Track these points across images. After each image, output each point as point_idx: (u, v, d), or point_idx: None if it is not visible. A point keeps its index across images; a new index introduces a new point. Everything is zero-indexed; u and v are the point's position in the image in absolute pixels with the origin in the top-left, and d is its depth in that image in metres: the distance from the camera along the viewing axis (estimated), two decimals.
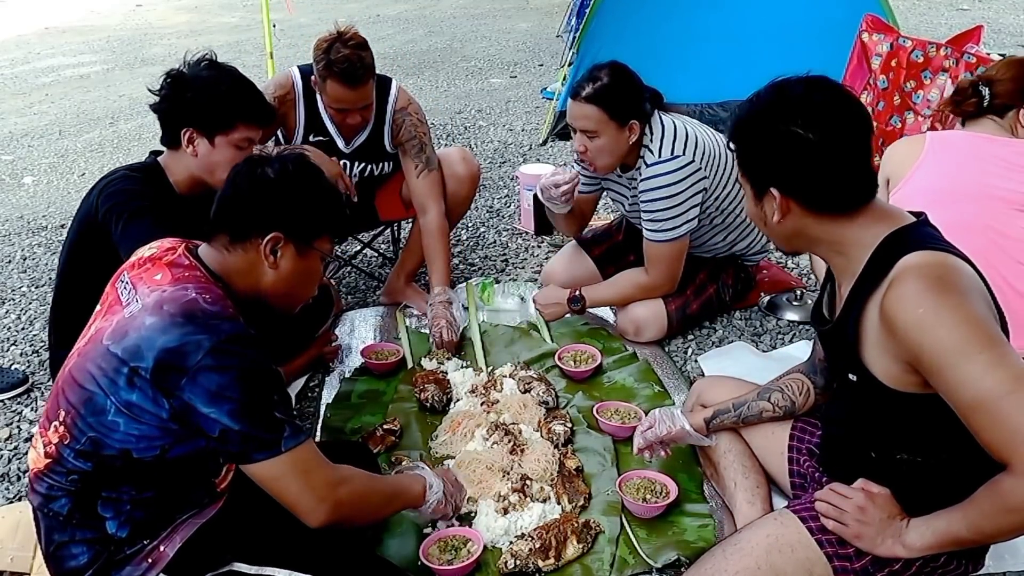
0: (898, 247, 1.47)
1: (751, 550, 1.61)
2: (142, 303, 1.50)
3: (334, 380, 2.72)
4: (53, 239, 4.08)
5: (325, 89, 2.72)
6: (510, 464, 2.16)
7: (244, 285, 1.63)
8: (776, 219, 1.54)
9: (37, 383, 2.82)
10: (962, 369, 1.34)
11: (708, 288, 2.92)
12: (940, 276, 1.40)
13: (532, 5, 11.15)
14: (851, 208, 1.52)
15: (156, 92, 2.21)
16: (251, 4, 11.38)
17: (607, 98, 2.53)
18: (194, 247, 1.65)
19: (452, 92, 6.63)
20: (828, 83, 1.52)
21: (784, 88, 1.52)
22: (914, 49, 3.74)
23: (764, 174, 1.53)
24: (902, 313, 1.40)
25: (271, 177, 1.61)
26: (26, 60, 9.13)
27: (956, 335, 1.35)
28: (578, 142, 2.64)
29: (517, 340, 2.90)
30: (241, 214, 1.61)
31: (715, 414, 1.99)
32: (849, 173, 1.50)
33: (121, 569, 1.53)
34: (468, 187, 3.09)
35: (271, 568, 1.56)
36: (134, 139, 5.93)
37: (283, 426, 1.48)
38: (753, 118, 1.52)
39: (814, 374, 1.91)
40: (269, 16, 5.51)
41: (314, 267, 1.70)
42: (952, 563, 1.58)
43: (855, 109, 1.50)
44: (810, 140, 1.45)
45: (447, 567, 1.84)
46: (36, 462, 1.56)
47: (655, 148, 2.62)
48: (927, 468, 1.56)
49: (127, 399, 1.45)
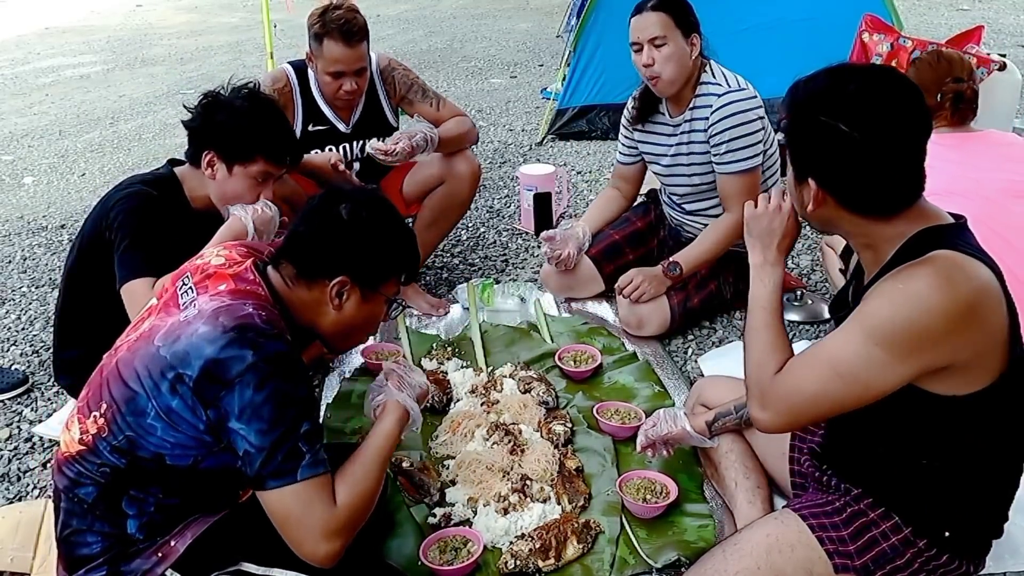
0: (929, 242, 1.44)
1: (751, 550, 1.62)
2: (199, 309, 1.51)
3: (334, 380, 2.72)
4: (53, 239, 4.08)
5: (322, 53, 2.78)
6: (510, 464, 2.16)
7: (304, 317, 1.64)
8: (811, 208, 1.52)
9: (37, 383, 2.81)
10: (847, 328, 1.45)
11: (709, 283, 2.93)
12: (950, 276, 1.39)
13: (532, 5, 11.15)
14: (890, 212, 1.47)
15: (190, 109, 2.21)
16: (251, 4, 11.38)
17: (673, 5, 2.67)
18: (263, 264, 1.65)
19: (452, 92, 6.62)
20: (890, 78, 1.44)
21: (840, 77, 1.45)
22: (914, 49, 3.73)
23: (805, 162, 1.50)
24: (885, 282, 1.42)
25: (344, 219, 1.60)
26: (26, 60, 9.13)
27: (881, 314, 1.40)
28: (645, 56, 2.69)
29: (517, 340, 2.90)
30: (310, 253, 1.61)
31: (717, 416, 1.98)
32: (892, 177, 1.43)
33: (131, 561, 1.55)
34: (468, 187, 3.09)
35: (277, 569, 1.56)
36: (134, 139, 5.93)
37: (302, 456, 1.44)
38: (804, 103, 1.47)
39: None
40: (269, 16, 5.52)
41: (377, 311, 1.69)
42: (954, 562, 1.58)
43: (913, 111, 1.42)
44: (855, 139, 1.39)
45: (447, 567, 1.84)
46: (69, 445, 1.57)
47: (721, 82, 2.73)
48: (933, 471, 1.55)
49: (167, 404, 1.46)
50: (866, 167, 1.42)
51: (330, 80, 2.82)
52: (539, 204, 3.76)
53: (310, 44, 2.81)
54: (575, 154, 4.93)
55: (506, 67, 7.64)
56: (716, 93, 2.71)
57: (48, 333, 3.09)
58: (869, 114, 1.40)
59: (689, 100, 2.77)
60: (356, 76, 2.82)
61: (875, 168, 1.42)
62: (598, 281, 3.11)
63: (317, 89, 2.92)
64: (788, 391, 1.53)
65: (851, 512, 1.61)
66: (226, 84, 2.23)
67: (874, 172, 1.42)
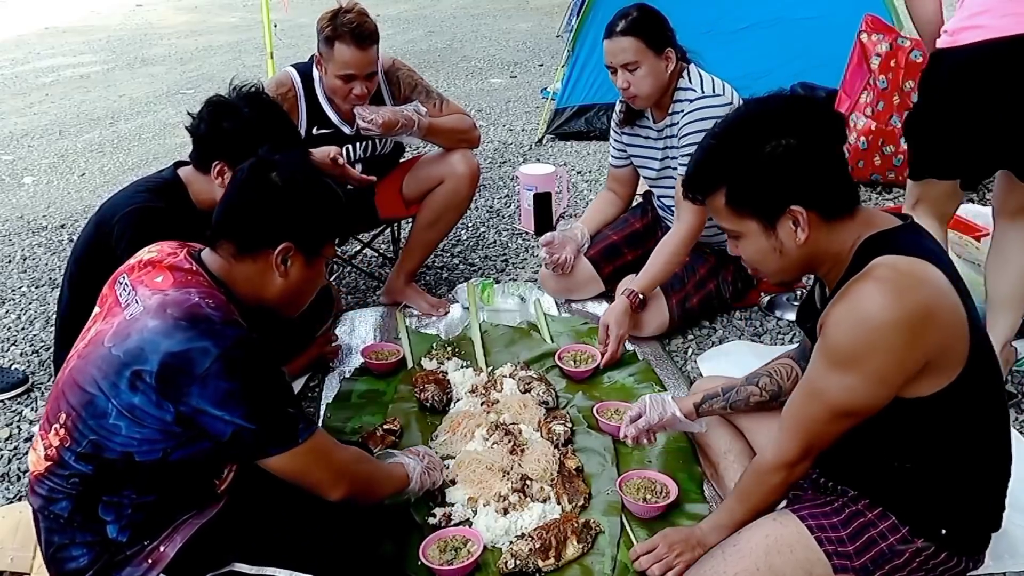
0: (876, 248, 1.49)
1: (750, 551, 1.62)
2: (143, 305, 1.50)
3: (334, 380, 2.72)
4: (53, 239, 4.08)
5: (333, 57, 2.76)
6: (510, 464, 2.16)
7: (249, 292, 1.63)
8: (802, 238, 1.51)
9: (37, 383, 2.82)
10: (817, 363, 1.52)
11: (708, 283, 2.93)
12: (896, 281, 1.43)
13: (532, 5, 11.15)
14: (854, 205, 1.55)
15: (194, 116, 2.20)
16: (251, 4, 11.38)
17: (642, 28, 2.68)
18: (196, 251, 1.65)
19: (452, 92, 6.62)
20: (792, 94, 1.59)
21: (745, 115, 1.56)
22: (913, 49, 3.73)
23: (780, 196, 1.50)
24: (835, 307, 1.47)
25: (279, 186, 1.61)
26: (26, 60, 9.13)
27: (841, 343, 1.46)
28: (620, 80, 2.73)
29: (517, 340, 2.90)
30: (251, 225, 1.61)
31: (704, 399, 2.00)
32: (845, 169, 1.55)
33: (121, 570, 1.53)
34: (468, 187, 3.09)
35: (271, 568, 1.57)
36: (134, 139, 5.94)
37: (296, 420, 1.53)
38: (741, 153, 1.51)
39: (804, 360, 1.91)
40: (269, 16, 5.52)
41: (319, 272, 1.72)
42: (952, 559, 1.59)
43: (825, 108, 1.57)
44: (801, 145, 1.47)
45: (447, 567, 1.85)
46: (36, 464, 1.56)
47: (697, 87, 2.74)
48: (920, 471, 1.57)
49: (129, 402, 1.45)
50: (822, 163, 1.50)
51: (340, 83, 2.80)
52: (539, 204, 3.76)
53: (319, 47, 2.79)
54: (575, 154, 4.94)
55: (506, 67, 7.64)
56: (689, 99, 2.73)
57: (48, 333, 3.09)
58: (793, 119, 1.49)
59: (669, 106, 2.80)
60: (366, 80, 2.81)
61: (827, 161, 1.51)
62: (597, 282, 3.11)
63: (322, 92, 2.91)
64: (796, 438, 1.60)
65: (849, 512, 1.61)
66: (229, 87, 2.22)
67: (829, 165, 1.51)
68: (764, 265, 1.61)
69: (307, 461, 1.56)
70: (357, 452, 1.78)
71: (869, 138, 3.82)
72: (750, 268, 1.70)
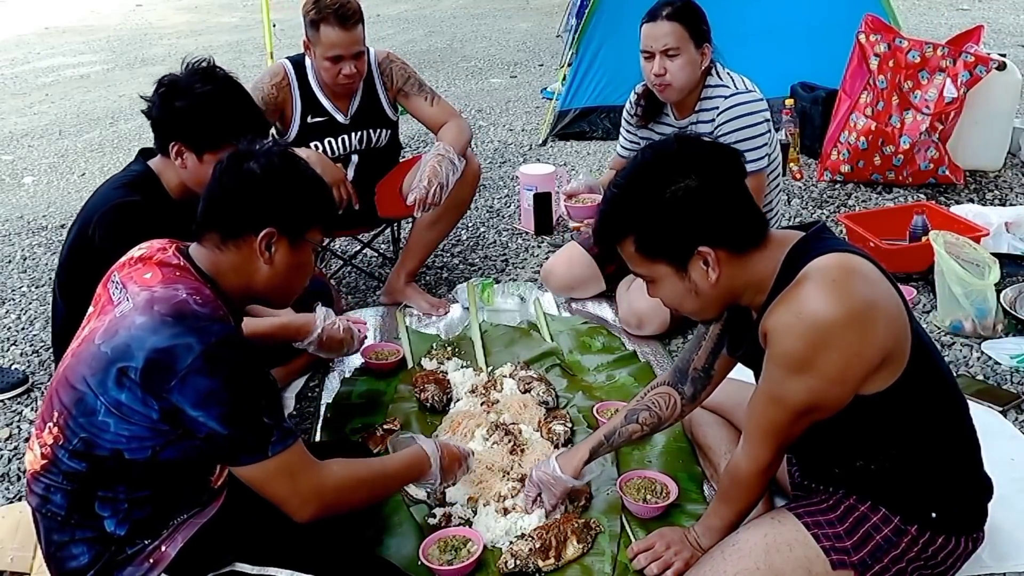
0: (800, 257, 1.50)
1: (750, 551, 1.63)
2: (132, 302, 1.50)
3: (334, 380, 2.73)
4: (53, 239, 4.08)
5: (319, 39, 2.80)
6: (510, 464, 2.16)
7: (238, 283, 1.63)
8: (713, 278, 1.52)
9: (37, 383, 2.82)
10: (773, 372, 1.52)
11: None
12: (835, 279, 1.44)
13: (532, 5, 11.14)
14: (764, 236, 1.55)
15: (147, 99, 2.17)
16: (251, 4, 11.36)
17: (687, 15, 2.64)
18: (185, 247, 1.65)
19: (452, 92, 6.62)
20: (680, 140, 1.57)
21: (634, 167, 1.55)
22: (910, 49, 3.74)
23: (687, 238, 1.51)
24: (776, 313, 1.47)
25: (257, 172, 1.61)
26: (26, 60, 9.13)
27: (794, 349, 1.46)
28: (657, 66, 2.66)
29: (517, 340, 2.90)
30: (232, 212, 1.61)
31: (591, 453, 1.97)
32: (751, 202, 1.55)
33: (123, 569, 1.53)
34: (468, 186, 3.09)
35: (272, 568, 1.57)
36: (134, 139, 5.93)
37: (271, 431, 1.49)
38: (644, 203, 1.51)
39: (682, 384, 1.91)
40: (269, 16, 5.52)
41: (307, 259, 1.70)
42: (950, 542, 1.61)
43: (718, 147, 1.57)
44: (701, 185, 1.47)
45: (447, 567, 1.85)
46: (33, 463, 1.57)
47: (728, 84, 2.72)
48: (892, 466, 1.59)
49: (116, 399, 1.45)
50: (724, 201, 1.50)
51: (329, 65, 2.84)
52: (539, 204, 3.76)
53: (306, 32, 2.84)
54: (575, 154, 4.93)
55: (506, 67, 7.64)
56: (723, 95, 2.70)
57: (48, 333, 3.09)
58: (690, 161, 1.50)
59: (694, 104, 2.76)
60: (354, 59, 2.84)
61: (729, 197, 1.51)
62: (599, 281, 3.11)
63: (315, 81, 2.95)
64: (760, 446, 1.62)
65: (844, 508, 1.63)
66: (183, 64, 2.18)
67: (731, 201, 1.51)
68: (682, 306, 1.61)
69: (272, 477, 1.50)
70: (336, 470, 1.60)
71: (869, 138, 3.82)
72: (672, 310, 1.71)
